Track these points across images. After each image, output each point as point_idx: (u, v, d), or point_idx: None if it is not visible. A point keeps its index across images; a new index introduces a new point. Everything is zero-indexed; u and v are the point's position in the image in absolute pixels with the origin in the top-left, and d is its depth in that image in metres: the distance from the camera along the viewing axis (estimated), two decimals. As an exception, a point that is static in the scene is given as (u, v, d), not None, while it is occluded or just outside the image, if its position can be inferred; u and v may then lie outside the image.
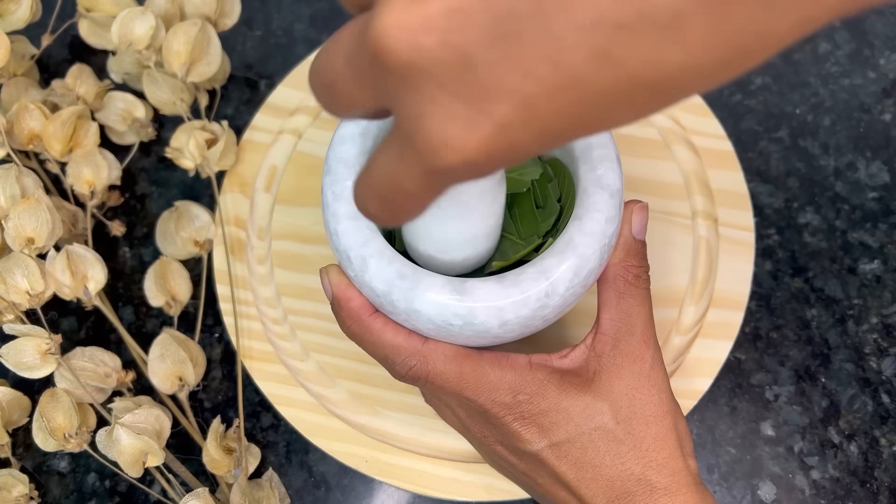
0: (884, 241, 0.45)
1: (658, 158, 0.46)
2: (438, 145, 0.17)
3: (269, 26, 0.52)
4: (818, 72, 0.49)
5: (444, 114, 0.17)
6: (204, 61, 0.46)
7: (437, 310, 0.29)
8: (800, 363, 0.43)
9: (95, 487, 0.42)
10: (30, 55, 0.49)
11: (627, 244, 0.31)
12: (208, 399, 0.43)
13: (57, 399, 0.39)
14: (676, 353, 0.42)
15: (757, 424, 0.42)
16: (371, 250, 0.30)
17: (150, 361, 0.41)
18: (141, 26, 0.45)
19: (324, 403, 0.42)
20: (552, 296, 0.29)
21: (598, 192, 0.30)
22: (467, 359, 0.30)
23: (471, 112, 0.17)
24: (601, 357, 0.31)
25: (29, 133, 0.45)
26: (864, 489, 0.40)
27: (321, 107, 0.21)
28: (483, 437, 0.33)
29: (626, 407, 0.30)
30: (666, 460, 0.30)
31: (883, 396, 0.42)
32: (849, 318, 0.43)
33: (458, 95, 0.17)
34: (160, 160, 0.49)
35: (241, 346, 0.43)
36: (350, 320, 0.31)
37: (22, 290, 0.40)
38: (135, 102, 0.47)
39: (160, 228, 0.45)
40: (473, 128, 0.17)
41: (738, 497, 0.40)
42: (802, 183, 0.46)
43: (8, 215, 0.41)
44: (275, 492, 0.40)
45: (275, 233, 0.46)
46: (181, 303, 0.44)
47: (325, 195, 0.31)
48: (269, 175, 0.47)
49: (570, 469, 0.30)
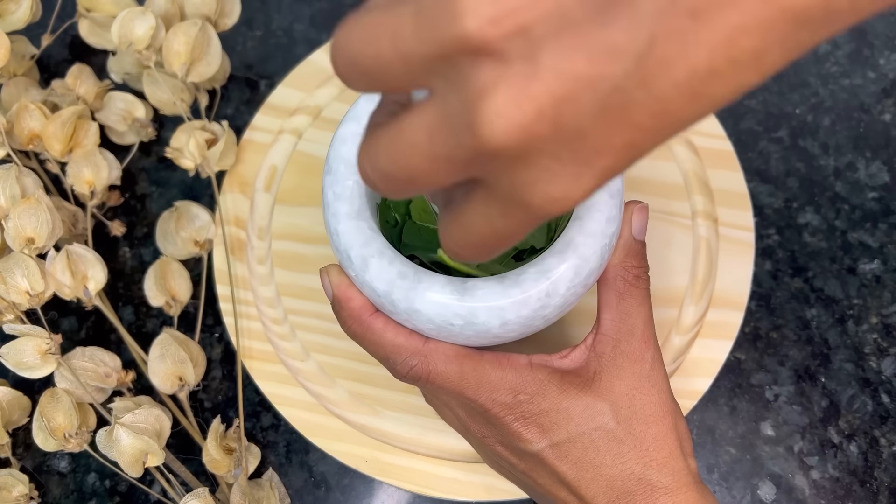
0: (884, 241, 0.45)
1: (658, 158, 0.46)
2: (548, 202, 0.18)
3: (269, 26, 0.52)
4: (818, 72, 0.49)
5: (552, 176, 0.18)
6: (204, 61, 0.46)
7: (438, 310, 0.29)
8: (800, 363, 0.43)
9: (95, 487, 0.42)
10: (30, 55, 0.49)
11: (627, 245, 0.31)
12: (208, 399, 0.43)
13: (57, 399, 0.39)
14: (676, 353, 0.42)
15: (757, 424, 0.42)
16: (372, 250, 0.30)
17: (150, 361, 0.41)
18: (141, 26, 0.45)
19: (324, 403, 0.42)
20: (553, 296, 0.29)
21: (599, 192, 0.30)
22: (468, 359, 0.31)
23: (580, 169, 0.18)
24: (602, 357, 0.31)
25: (29, 133, 0.45)
26: (864, 489, 0.40)
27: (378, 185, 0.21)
28: (483, 438, 0.33)
29: (627, 407, 0.30)
30: (666, 460, 0.30)
31: (883, 396, 0.42)
32: (849, 318, 0.43)
33: (567, 161, 0.18)
34: (160, 160, 0.49)
35: (241, 346, 0.43)
36: (351, 320, 0.31)
37: (22, 290, 0.40)
38: (135, 102, 0.47)
39: (160, 228, 0.45)
40: (582, 181, 0.18)
41: (738, 497, 0.40)
42: (802, 183, 0.46)
43: (8, 215, 0.41)
44: (275, 492, 0.40)
45: (275, 233, 0.46)
46: (181, 303, 0.44)
47: (326, 195, 0.31)
48: (269, 175, 0.47)
49: (571, 469, 0.30)
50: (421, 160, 0.19)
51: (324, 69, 0.49)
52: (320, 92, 0.49)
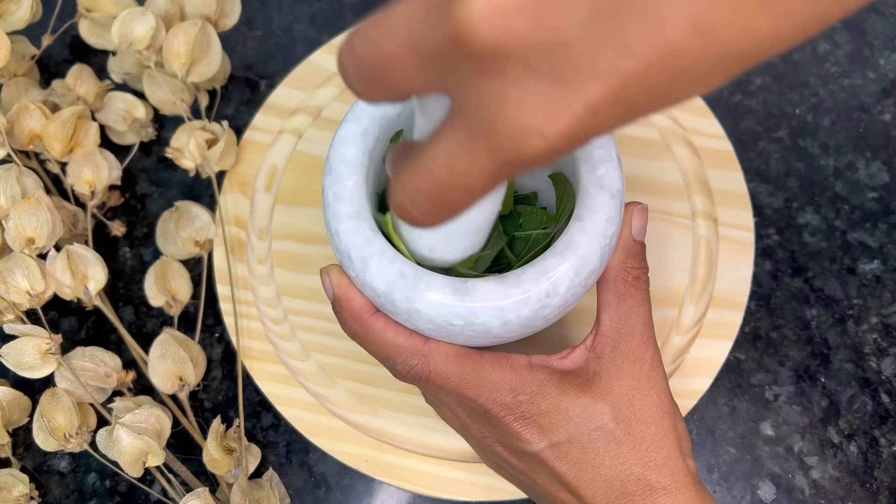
0: (884, 241, 0.45)
1: (658, 158, 0.46)
2: (523, 132, 0.16)
3: (269, 26, 0.52)
4: (818, 72, 0.49)
5: (530, 98, 0.16)
6: (204, 61, 0.46)
7: (439, 310, 0.29)
8: (799, 363, 0.43)
9: (96, 487, 0.42)
10: (30, 55, 0.49)
11: (627, 246, 0.31)
12: (208, 399, 0.43)
13: (57, 399, 0.39)
14: (676, 353, 0.42)
15: (757, 424, 0.42)
16: (372, 250, 0.30)
17: (151, 361, 0.41)
18: (141, 26, 0.45)
19: (324, 403, 0.42)
20: (553, 296, 0.29)
21: (599, 193, 0.30)
22: (468, 359, 0.31)
23: (561, 94, 0.16)
24: (601, 358, 0.31)
25: (29, 133, 0.45)
26: (864, 489, 0.40)
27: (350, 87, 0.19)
28: (482, 438, 0.33)
29: (626, 408, 0.30)
30: (665, 460, 0.30)
31: (883, 396, 0.42)
32: (848, 318, 0.43)
33: (547, 78, 0.16)
34: (160, 160, 0.49)
35: (241, 346, 0.43)
36: (351, 320, 0.31)
37: (22, 290, 0.40)
38: (135, 102, 0.47)
39: (160, 228, 0.45)
40: (563, 110, 0.16)
41: (737, 497, 0.40)
42: (802, 183, 0.46)
43: (8, 215, 0.41)
44: (275, 492, 0.40)
45: (275, 233, 0.46)
46: (181, 303, 0.44)
47: (326, 195, 0.31)
48: (270, 175, 0.47)
49: (570, 469, 0.30)
50: (395, 45, 0.18)
51: (324, 69, 0.49)
52: (320, 92, 0.49)
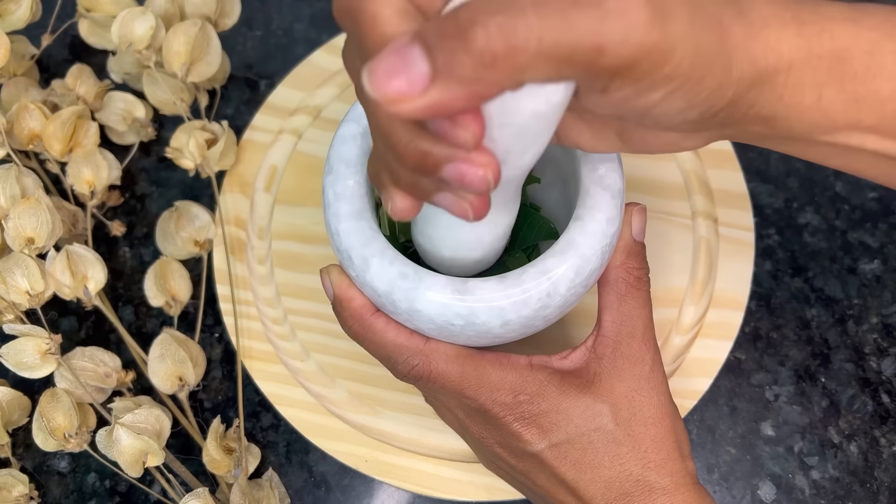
0: (884, 241, 0.45)
1: (658, 158, 0.46)
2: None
3: (269, 26, 0.52)
4: (818, 72, 0.49)
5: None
6: (204, 61, 0.46)
7: (439, 310, 0.29)
8: (800, 363, 0.43)
9: (95, 487, 0.42)
10: (30, 55, 0.49)
11: (628, 246, 0.31)
12: (208, 399, 0.43)
13: (57, 399, 0.39)
14: (676, 353, 0.42)
15: (757, 424, 0.42)
16: (372, 250, 0.30)
17: (150, 361, 0.41)
18: (141, 26, 0.45)
19: (324, 403, 0.42)
20: (554, 296, 0.29)
21: (600, 193, 0.30)
22: (469, 359, 0.31)
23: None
24: (602, 359, 0.31)
25: (29, 133, 0.45)
26: (864, 489, 0.40)
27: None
28: (482, 438, 0.33)
29: (626, 409, 0.30)
30: (664, 461, 0.30)
31: (883, 396, 0.42)
32: (849, 318, 0.43)
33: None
34: (160, 160, 0.49)
35: (241, 346, 0.43)
36: (352, 320, 0.31)
37: (22, 290, 0.40)
38: (135, 102, 0.47)
39: (160, 228, 0.45)
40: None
41: (738, 497, 0.40)
42: (802, 183, 0.46)
43: (8, 215, 0.41)
44: (275, 492, 0.40)
45: (275, 233, 0.46)
46: (181, 303, 0.44)
47: (327, 195, 0.31)
48: (269, 175, 0.47)
49: (570, 470, 0.30)
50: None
51: (324, 69, 0.49)
52: (320, 92, 0.49)
